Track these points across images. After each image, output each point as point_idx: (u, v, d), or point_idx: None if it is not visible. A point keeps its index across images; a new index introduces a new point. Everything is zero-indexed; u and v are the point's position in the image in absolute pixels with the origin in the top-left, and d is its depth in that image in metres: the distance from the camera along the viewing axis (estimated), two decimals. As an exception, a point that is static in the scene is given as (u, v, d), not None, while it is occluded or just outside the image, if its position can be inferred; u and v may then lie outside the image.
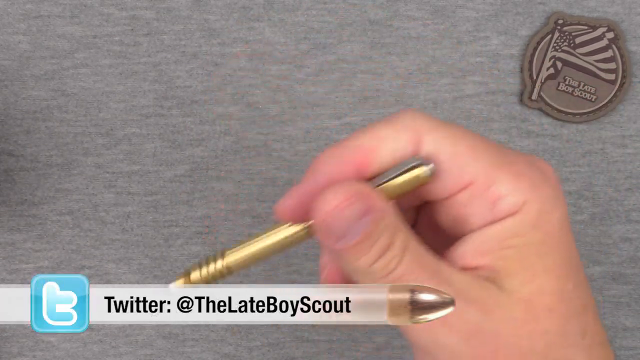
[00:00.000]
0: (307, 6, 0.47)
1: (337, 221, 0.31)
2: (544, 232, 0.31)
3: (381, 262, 0.31)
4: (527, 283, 0.31)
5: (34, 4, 0.47)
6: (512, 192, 0.31)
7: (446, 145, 0.31)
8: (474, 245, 0.32)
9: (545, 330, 0.31)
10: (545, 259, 0.31)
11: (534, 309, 0.31)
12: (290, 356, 0.49)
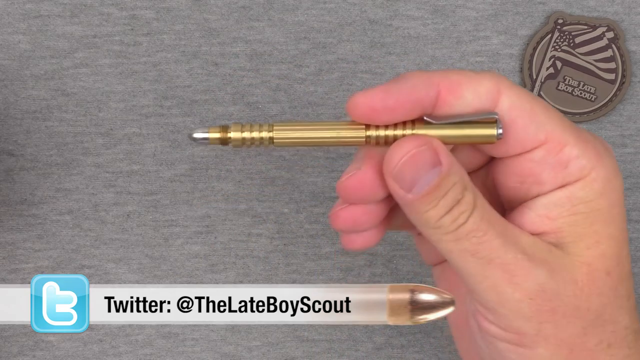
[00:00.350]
0: (307, 6, 0.47)
1: (407, 170, 0.32)
2: (609, 200, 0.33)
3: (450, 216, 0.32)
4: (591, 248, 0.33)
5: (33, 4, 0.47)
6: (583, 156, 0.32)
7: (524, 103, 0.32)
8: (543, 211, 0.33)
9: (601, 291, 0.33)
10: (610, 226, 0.33)
11: (594, 271, 0.32)
12: (290, 356, 0.49)
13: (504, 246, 0.32)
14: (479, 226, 0.32)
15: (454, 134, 0.32)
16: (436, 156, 0.32)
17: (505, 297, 0.32)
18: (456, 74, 0.32)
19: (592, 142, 0.33)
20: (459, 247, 0.32)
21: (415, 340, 0.49)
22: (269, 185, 0.48)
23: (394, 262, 0.48)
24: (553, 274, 0.32)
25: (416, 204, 0.32)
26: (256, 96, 0.48)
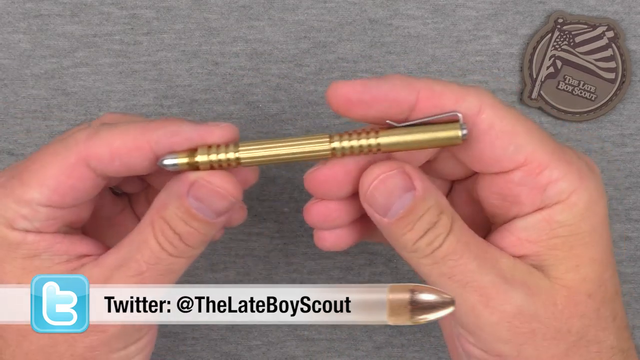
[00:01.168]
0: (307, 5, 0.47)
1: (379, 194, 0.32)
2: (591, 224, 0.32)
3: (426, 239, 0.32)
4: (571, 271, 0.32)
5: (34, 3, 0.47)
6: (564, 179, 0.32)
7: (505, 124, 0.32)
8: (523, 234, 0.33)
9: (582, 313, 0.32)
10: (590, 249, 0.33)
11: (574, 294, 0.32)
12: (290, 355, 0.49)
13: (480, 269, 0.32)
14: (454, 249, 0.32)
15: (419, 139, 0.32)
16: (409, 180, 0.32)
17: (482, 320, 0.32)
18: (440, 85, 0.32)
19: (576, 164, 0.32)
20: (435, 271, 0.32)
21: (416, 339, 0.49)
22: (269, 185, 0.48)
23: (394, 262, 0.48)
24: (531, 296, 0.32)
25: (392, 227, 0.32)
26: (256, 95, 0.48)
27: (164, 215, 0.33)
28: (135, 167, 0.34)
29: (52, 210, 0.34)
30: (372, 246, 0.48)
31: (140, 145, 0.33)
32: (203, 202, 0.33)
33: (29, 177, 0.34)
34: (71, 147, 0.33)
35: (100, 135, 0.33)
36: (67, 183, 0.33)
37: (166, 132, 0.33)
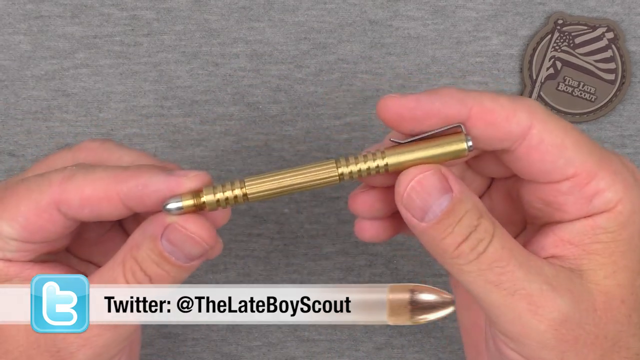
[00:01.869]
0: (307, 6, 0.47)
1: (416, 196, 0.32)
2: (630, 232, 0.33)
3: (468, 244, 0.32)
4: (609, 277, 0.32)
5: (34, 4, 0.47)
6: (610, 189, 0.32)
7: (555, 137, 0.32)
8: (566, 236, 0.33)
9: (616, 319, 0.33)
10: (628, 256, 0.33)
11: (610, 300, 0.32)
12: (290, 356, 0.49)
13: (527, 276, 0.31)
14: (500, 255, 0.31)
15: (425, 155, 0.32)
16: (445, 182, 0.32)
17: (530, 328, 0.32)
18: (490, 101, 0.32)
19: (622, 173, 0.32)
20: (481, 279, 0.32)
21: (416, 340, 0.49)
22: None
23: (394, 262, 0.48)
24: (576, 303, 0.32)
25: (430, 232, 0.32)
26: (256, 96, 0.48)
27: (136, 255, 0.33)
28: (104, 215, 0.34)
29: (22, 244, 0.34)
30: (372, 247, 0.48)
31: (109, 195, 0.33)
32: (176, 247, 0.33)
33: (1, 209, 0.34)
34: (44, 189, 0.34)
35: (73, 181, 0.33)
36: (37, 223, 0.34)
37: (136, 184, 0.33)
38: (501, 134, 0.32)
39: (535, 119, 0.32)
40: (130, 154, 0.37)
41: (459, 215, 0.31)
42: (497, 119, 0.32)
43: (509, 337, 0.33)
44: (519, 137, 0.32)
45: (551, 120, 0.32)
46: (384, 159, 0.32)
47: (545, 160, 0.32)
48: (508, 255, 0.31)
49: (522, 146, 0.32)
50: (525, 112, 0.32)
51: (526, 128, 0.32)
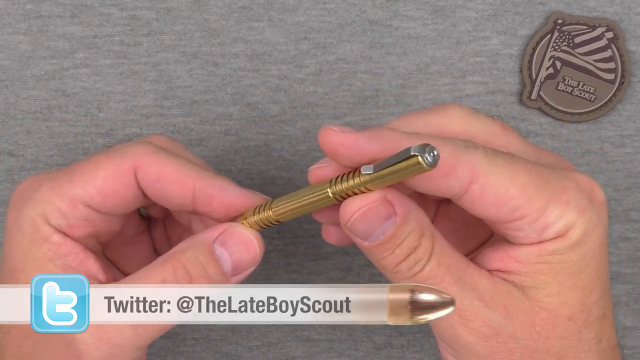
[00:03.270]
0: (307, 6, 0.47)
1: (360, 225, 0.32)
2: (581, 253, 0.33)
3: (406, 264, 0.33)
4: (553, 296, 0.33)
5: (34, 4, 0.47)
6: (560, 220, 0.32)
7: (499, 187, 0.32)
8: (513, 253, 0.33)
9: (561, 335, 0.33)
10: (575, 277, 0.33)
11: (554, 317, 0.33)
12: (290, 356, 0.49)
13: (461, 292, 0.33)
14: (435, 273, 0.33)
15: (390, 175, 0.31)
16: (390, 208, 0.32)
17: (461, 339, 0.33)
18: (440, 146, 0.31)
19: (575, 200, 0.33)
20: None
21: (415, 340, 0.49)
22: (269, 185, 0.48)
23: (393, 262, 0.48)
24: (509, 318, 0.33)
25: (372, 251, 0.33)
26: (256, 96, 0.48)
27: (181, 256, 0.34)
28: (171, 198, 0.36)
29: (89, 211, 0.35)
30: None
31: (185, 182, 0.35)
32: (229, 251, 0.34)
33: (78, 174, 0.35)
34: (127, 155, 0.35)
35: (156, 156, 0.35)
36: (113, 187, 0.35)
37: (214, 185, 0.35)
38: (440, 189, 0.32)
39: (477, 173, 0.32)
40: (197, 159, 0.39)
41: (401, 238, 0.32)
42: (435, 175, 0.32)
43: (446, 344, 0.35)
44: (459, 192, 0.32)
45: (495, 170, 0.32)
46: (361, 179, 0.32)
47: (488, 210, 0.32)
48: (443, 273, 0.33)
49: (464, 198, 0.32)
50: (466, 168, 0.31)
51: (466, 184, 0.32)
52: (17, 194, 0.37)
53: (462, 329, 0.33)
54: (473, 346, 0.33)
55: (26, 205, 0.35)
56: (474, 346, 0.33)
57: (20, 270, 0.35)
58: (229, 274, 0.34)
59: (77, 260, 0.35)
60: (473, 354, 0.33)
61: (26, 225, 0.35)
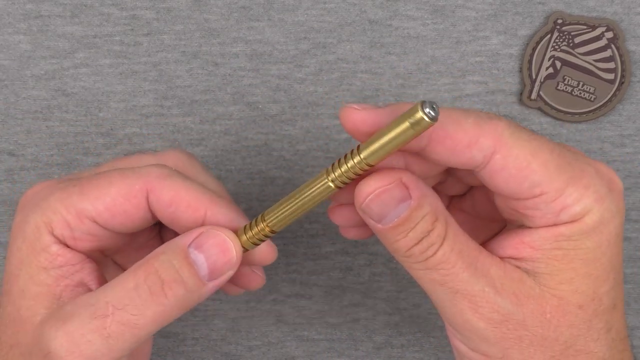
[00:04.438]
0: (307, 6, 0.47)
1: (374, 206, 0.32)
2: (596, 241, 0.33)
3: (419, 247, 0.33)
4: (565, 283, 0.33)
5: (34, 4, 0.47)
6: (578, 203, 0.32)
7: (521, 161, 0.32)
8: (527, 239, 0.33)
9: (571, 323, 0.33)
10: (589, 265, 0.33)
11: (565, 305, 0.33)
12: (290, 355, 0.49)
13: (472, 278, 0.33)
14: (448, 258, 0.32)
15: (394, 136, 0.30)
16: (405, 191, 0.32)
17: (471, 324, 0.33)
18: (454, 125, 0.31)
19: (594, 185, 0.33)
20: (428, 277, 0.33)
21: (415, 339, 0.49)
22: (269, 185, 0.48)
23: (393, 262, 0.48)
24: (519, 305, 0.33)
25: (386, 233, 0.33)
26: (256, 96, 0.48)
27: (154, 260, 0.34)
28: (182, 222, 0.35)
29: (95, 227, 0.35)
30: (372, 246, 0.48)
31: (198, 208, 0.35)
32: (204, 254, 0.34)
33: (89, 188, 0.35)
34: (141, 176, 0.35)
35: (170, 179, 0.35)
36: (123, 206, 0.35)
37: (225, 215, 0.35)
38: (462, 160, 0.32)
39: (500, 144, 0.32)
40: (213, 182, 0.39)
41: (415, 222, 0.32)
42: (458, 145, 0.31)
43: (455, 329, 0.34)
44: (482, 162, 0.32)
45: (518, 144, 0.32)
46: (360, 155, 0.32)
47: (509, 183, 0.32)
48: (455, 258, 0.33)
49: (486, 169, 0.32)
50: (489, 138, 0.31)
51: (489, 155, 0.32)
52: (27, 198, 0.36)
53: (472, 315, 0.33)
54: (482, 332, 0.33)
55: (33, 211, 0.35)
56: (483, 332, 0.33)
57: (15, 275, 0.35)
58: (205, 278, 0.34)
59: (72, 270, 0.35)
60: (482, 340, 0.33)
61: (29, 231, 0.35)
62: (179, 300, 0.33)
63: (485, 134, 0.31)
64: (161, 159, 0.39)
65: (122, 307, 0.33)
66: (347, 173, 0.32)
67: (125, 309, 0.33)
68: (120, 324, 0.33)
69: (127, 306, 0.33)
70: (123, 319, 0.33)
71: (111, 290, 0.33)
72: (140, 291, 0.33)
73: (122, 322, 0.33)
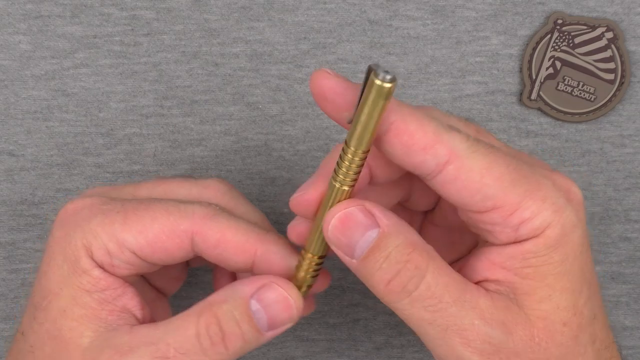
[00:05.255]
0: (307, 6, 0.47)
1: (339, 234, 0.32)
2: (563, 253, 0.32)
3: (397, 281, 0.32)
4: (545, 301, 0.32)
5: (34, 4, 0.47)
6: (536, 217, 0.32)
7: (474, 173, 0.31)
8: (498, 260, 0.33)
9: (559, 342, 0.33)
10: (562, 278, 0.33)
11: (550, 325, 0.33)
12: (290, 355, 0.49)
13: (461, 311, 0.32)
14: (433, 293, 0.32)
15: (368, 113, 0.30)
16: (370, 217, 0.32)
17: (463, 358, 0.33)
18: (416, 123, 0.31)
19: (552, 197, 0.32)
20: (415, 316, 0.32)
21: (415, 339, 0.49)
22: (269, 185, 0.48)
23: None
24: (509, 334, 0.32)
25: (360, 268, 0.32)
26: (256, 96, 0.48)
27: (216, 309, 0.33)
28: (230, 262, 0.35)
29: (135, 258, 0.35)
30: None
31: (247, 249, 0.35)
32: (265, 307, 0.34)
33: (133, 220, 0.35)
34: (186, 217, 0.35)
35: (216, 220, 0.35)
36: (165, 244, 0.35)
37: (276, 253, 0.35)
38: (415, 161, 0.31)
39: (454, 155, 0.31)
40: (256, 214, 0.39)
41: (387, 250, 0.31)
42: (414, 145, 0.31)
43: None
44: (434, 170, 0.31)
45: (473, 157, 0.31)
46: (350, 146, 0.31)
47: (461, 195, 0.32)
48: (441, 292, 0.32)
49: (438, 179, 0.32)
50: (446, 148, 0.31)
51: (442, 164, 0.31)
52: (67, 213, 0.36)
53: (465, 349, 0.32)
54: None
55: (75, 231, 0.35)
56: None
57: (55, 293, 0.34)
58: (263, 329, 0.34)
59: (114, 295, 0.35)
60: None
61: (70, 252, 0.34)
62: (237, 350, 0.34)
63: (442, 142, 0.31)
64: (203, 192, 0.38)
65: (184, 352, 0.33)
66: (350, 169, 0.32)
67: (187, 354, 0.33)
68: None
69: (189, 352, 0.33)
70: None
71: (173, 334, 0.33)
72: (201, 340, 0.33)
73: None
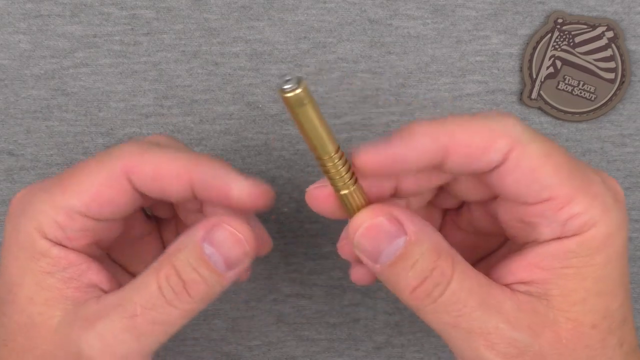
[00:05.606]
0: (306, 5, 0.47)
1: (366, 242, 0.32)
2: (606, 256, 0.32)
3: (423, 288, 0.31)
4: (579, 303, 0.32)
5: (34, 4, 0.47)
6: (586, 213, 0.31)
7: (534, 161, 0.31)
8: (535, 259, 0.32)
9: (587, 344, 0.32)
10: (601, 282, 0.32)
11: (579, 326, 0.32)
12: (290, 355, 0.49)
13: (485, 316, 0.32)
14: (458, 298, 0.31)
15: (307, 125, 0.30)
16: (398, 225, 0.31)
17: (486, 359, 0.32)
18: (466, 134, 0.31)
19: (601, 196, 0.32)
20: (439, 320, 0.32)
21: (416, 339, 0.49)
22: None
23: (394, 262, 0.48)
24: (536, 337, 0.32)
25: (385, 274, 0.32)
26: (256, 96, 0.48)
27: (173, 259, 0.33)
28: (171, 193, 0.34)
29: (87, 221, 0.34)
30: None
31: (181, 174, 0.34)
32: (217, 248, 0.33)
33: (70, 184, 0.34)
34: (118, 158, 0.34)
35: (148, 153, 0.34)
36: (107, 194, 0.34)
37: (212, 172, 0.34)
38: (481, 165, 0.31)
39: (516, 142, 0.31)
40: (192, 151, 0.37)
41: (414, 259, 0.31)
42: (476, 152, 0.31)
43: None
44: (498, 163, 0.31)
45: (532, 143, 0.31)
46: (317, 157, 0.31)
47: (520, 184, 0.32)
48: (466, 297, 0.31)
49: (501, 169, 0.32)
50: (505, 138, 0.31)
51: (505, 154, 0.31)
52: (14, 205, 0.36)
53: (489, 352, 0.32)
54: None
55: (22, 218, 0.34)
56: None
57: (18, 284, 0.34)
58: (222, 270, 0.33)
59: (78, 271, 0.35)
60: None
61: (23, 239, 0.34)
62: (202, 296, 0.33)
63: (501, 135, 0.31)
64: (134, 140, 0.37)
65: (150, 307, 0.33)
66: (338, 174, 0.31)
67: (153, 308, 0.33)
68: (150, 322, 0.33)
69: (155, 306, 0.33)
70: (152, 317, 0.33)
71: (137, 292, 0.33)
72: (164, 292, 0.33)
73: (152, 321, 0.33)
